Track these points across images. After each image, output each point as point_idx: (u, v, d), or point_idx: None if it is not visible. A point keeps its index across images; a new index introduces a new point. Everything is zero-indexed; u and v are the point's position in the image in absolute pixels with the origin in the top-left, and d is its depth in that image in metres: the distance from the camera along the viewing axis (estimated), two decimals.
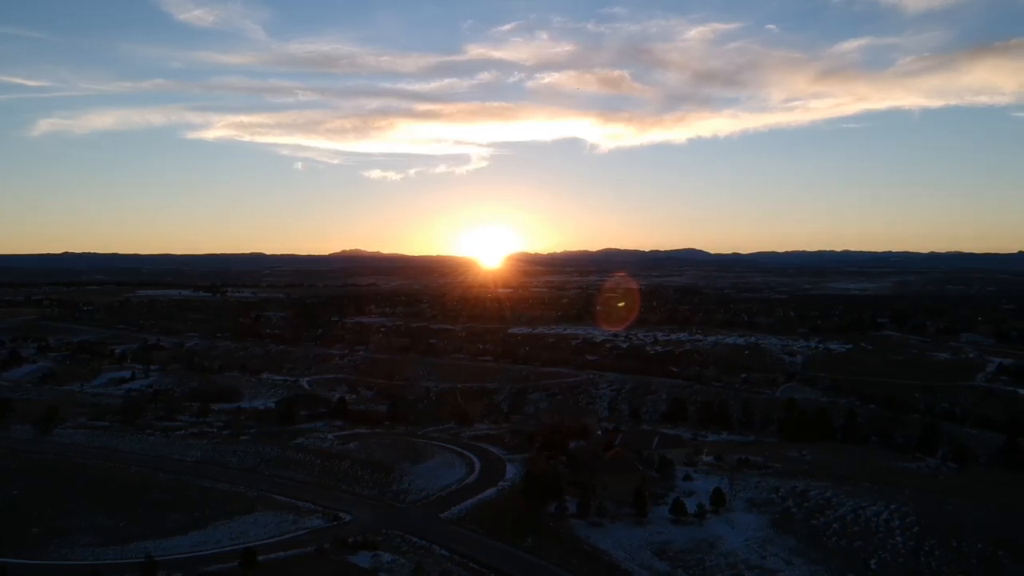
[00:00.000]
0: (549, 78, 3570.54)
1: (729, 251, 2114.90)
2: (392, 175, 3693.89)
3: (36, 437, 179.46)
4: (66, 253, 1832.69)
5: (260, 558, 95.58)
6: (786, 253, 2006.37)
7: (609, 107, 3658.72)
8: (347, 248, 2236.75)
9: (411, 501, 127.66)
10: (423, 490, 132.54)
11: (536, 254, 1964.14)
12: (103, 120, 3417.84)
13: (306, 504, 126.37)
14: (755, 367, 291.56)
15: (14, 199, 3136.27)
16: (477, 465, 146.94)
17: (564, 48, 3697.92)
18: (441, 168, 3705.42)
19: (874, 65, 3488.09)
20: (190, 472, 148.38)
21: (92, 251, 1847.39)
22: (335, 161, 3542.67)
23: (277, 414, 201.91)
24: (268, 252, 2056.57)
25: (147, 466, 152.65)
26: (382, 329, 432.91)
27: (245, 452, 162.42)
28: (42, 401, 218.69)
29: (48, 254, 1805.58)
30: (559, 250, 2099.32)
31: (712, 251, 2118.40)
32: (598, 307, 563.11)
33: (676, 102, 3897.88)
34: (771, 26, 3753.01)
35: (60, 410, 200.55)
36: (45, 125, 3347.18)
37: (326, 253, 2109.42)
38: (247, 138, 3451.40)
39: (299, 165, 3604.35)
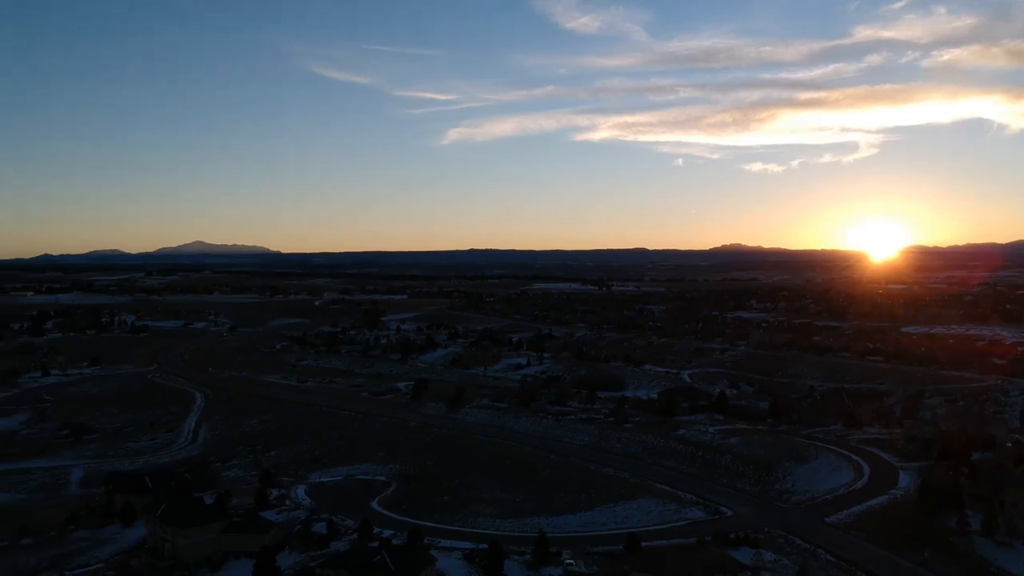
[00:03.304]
0: (948, 55, 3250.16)
1: None
2: (773, 167, 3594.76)
3: (445, 414, 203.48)
4: (471, 249, 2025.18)
5: (643, 544, 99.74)
6: None
7: (1020, 83, 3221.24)
8: (727, 243, 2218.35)
9: (794, 502, 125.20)
10: (806, 492, 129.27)
11: (933, 247, 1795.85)
12: (502, 127, 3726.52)
13: (687, 495, 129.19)
14: None
15: (429, 202, 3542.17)
16: (866, 470, 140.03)
17: (965, 21, 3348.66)
18: (826, 158, 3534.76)
19: None
20: (577, 455, 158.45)
21: (493, 247, 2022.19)
22: (714, 156, 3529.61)
23: (659, 404, 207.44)
24: (650, 247, 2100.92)
25: (538, 447, 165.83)
26: (763, 324, 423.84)
27: (629, 439, 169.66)
28: (451, 383, 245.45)
29: (456, 250, 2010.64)
30: (960, 242, 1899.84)
31: None
32: None
33: None
34: None
35: (466, 391, 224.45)
36: (453, 134, 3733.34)
37: (705, 248, 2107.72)
38: (630, 137, 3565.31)
39: (679, 161, 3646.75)
